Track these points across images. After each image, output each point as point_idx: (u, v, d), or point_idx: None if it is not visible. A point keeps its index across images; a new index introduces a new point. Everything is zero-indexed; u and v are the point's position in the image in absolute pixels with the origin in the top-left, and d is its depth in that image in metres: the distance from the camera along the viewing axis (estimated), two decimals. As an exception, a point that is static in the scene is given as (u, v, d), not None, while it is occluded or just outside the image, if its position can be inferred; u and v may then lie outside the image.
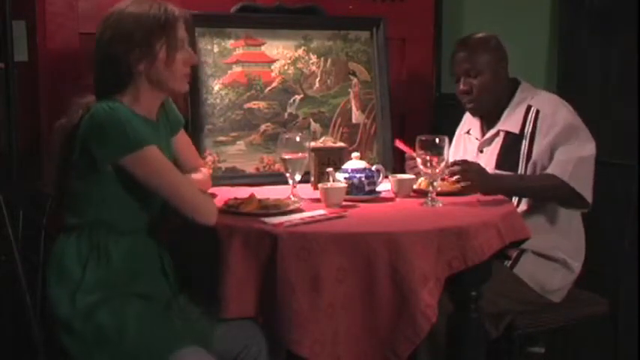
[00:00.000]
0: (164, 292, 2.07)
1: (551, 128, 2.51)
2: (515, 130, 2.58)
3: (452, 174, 2.36)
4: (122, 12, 2.05)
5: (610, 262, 2.64)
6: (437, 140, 2.31)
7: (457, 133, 2.82)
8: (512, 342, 2.50)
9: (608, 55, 3.11)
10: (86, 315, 1.93)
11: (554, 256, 2.56)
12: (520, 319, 2.48)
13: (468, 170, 2.36)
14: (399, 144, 2.56)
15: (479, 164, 2.49)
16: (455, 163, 2.37)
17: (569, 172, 2.46)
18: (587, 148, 2.51)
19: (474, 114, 2.70)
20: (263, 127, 2.79)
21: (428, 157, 2.28)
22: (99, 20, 2.07)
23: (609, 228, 2.67)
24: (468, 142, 2.75)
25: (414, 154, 2.33)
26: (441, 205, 2.29)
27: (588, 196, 2.48)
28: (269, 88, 2.81)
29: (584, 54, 3.12)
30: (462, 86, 2.61)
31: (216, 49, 2.75)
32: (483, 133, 2.69)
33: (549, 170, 2.49)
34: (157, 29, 2.04)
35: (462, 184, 2.37)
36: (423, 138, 2.33)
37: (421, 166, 2.30)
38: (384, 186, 2.49)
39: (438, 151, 2.29)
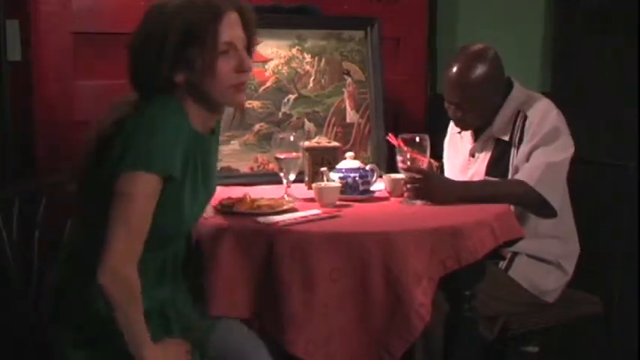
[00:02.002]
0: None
1: (535, 135, 2.47)
2: (506, 137, 2.54)
3: (408, 183, 2.33)
4: (159, 7, 1.74)
5: (603, 263, 2.65)
6: (417, 139, 2.32)
7: (450, 131, 2.80)
8: (506, 342, 2.51)
9: (602, 56, 3.12)
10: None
11: (548, 258, 2.55)
12: (514, 319, 2.49)
13: (424, 184, 2.31)
14: (391, 138, 2.55)
15: (438, 175, 2.46)
16: (412, 173, 2.32)
17: (536, 179, 2.40)
18: (561, 153, 2.45)
19: (462, 130, 2.67)
20: (257, 126, 2.79)
21: (409, 156, 2.30)
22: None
23: (603, 228, 2.67)
24: (461, 144, 2.73)
25: (406, 149, 2.34)
26: (420, 203, 2.30)
27: (555, 203, 2.42)
28: (263, 87, 2.81)
29: (579, 55, 3.12)
30: (451, 112, 2.56)
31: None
32: (475, 137, 2.66)
33: (517, 176, 2.45)
34: (192, 29, 1.70)
35: (406, 194, 2.33)
36: (405, 136, 2.34)
37: (401, 164, 2.31)
38: (378, 185, 2.49)
39: (419, 149, 2.30)
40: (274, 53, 2.83)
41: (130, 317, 1.70)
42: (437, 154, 2.84)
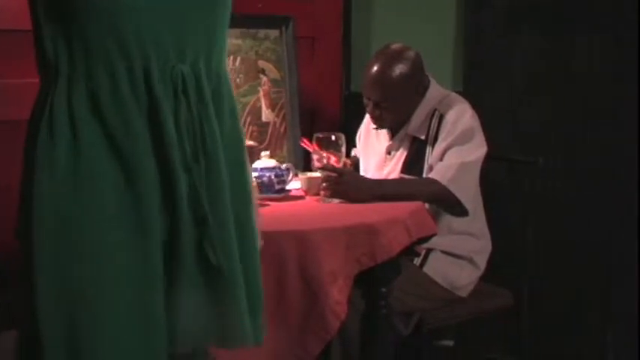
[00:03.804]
0: None
1: (450, 134, 2.50)
2: (422, 135, 2.57)
3: (324, 181, 2.35)
4: None
5: (514, 257, 2.71)
6: (333, 137, 2.34)
7: (364, 126, 2.81)
8: (421, 337, 2.54)
9: (513, 55, 3.19)
10: None
11: (461, 254, 2.60)
12: (429, 314, 2.52)
13: (339, 182, 2.33)
14: (305, 144, 2.57)
15: (353, 173, 2.49)
16: (327, 172, 2.34)
17: (449, 178, 2.44)
18: (474, 153, 2.49)
19: (379, 128, 2.69)
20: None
21: (325, 154, 2.32)
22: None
23: (513, 223, 2.74)
24: (377, 141, 2.75)
25: (320, 152, 2.35)
26: (335, 202, 2.32)
27: (467, 202, 2.47)
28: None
29: (490, 53, 3.19)
30: (369, 110, 2.58)
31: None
32: (392, 135, 2.68)
33: (431, 175, 2.48)
34: None
35: (322, 193, 2.35)
36: (320, 135, 2.36)
37: (317, 163, 2.33)
38: (294, 184, 2.49)
39: (334, 148, 2.32)
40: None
41: None
42: (352, 152, 2.87)
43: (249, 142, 2.59)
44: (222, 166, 1.42)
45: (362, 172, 2.74)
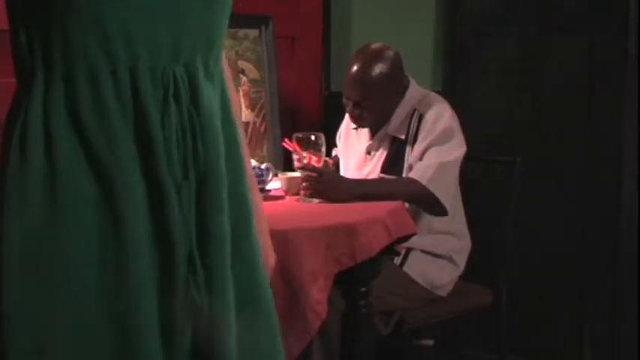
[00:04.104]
0: None
1: (429, 134, 2.51)
2: (402, 135, 2.58)
3: (303, 181, 2.36)
4: None
5: (493, 256, 2.73)
6: (313, 137, 2.35)
7: (344, 126, 2.82)
8: (401, 336, 2.55)
9: (491, 56, 3.21)
10: None
11: (441, 254, 2.61)
12: (409, 314, 2.53)
13: (319, 182, 2.33)
14: (286, 144, 2.57)
15: (333, 173, 2.49)
16: (307, 172, 2.35)
17: (429, 177, 2.45)
18: (453, 153, 2.50)
19: (359, 127, 2.69)
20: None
21: (305, 154, 2.32)
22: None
23: (491, 222, 2.76)
24: (357, 141, 2.76)
25: (301, 151, 2.36)
26: (315, 202, 2.32)
27: (446, 202, 2.48)
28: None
29: (469, 54, 3.21)
30: (349, 109, 2.59)
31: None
32: (372, 135, 2.68)
33: (411, 174, 2.49)
34: None
35: (302, 193, 2.35)
36: (300, 135, 2.36)
37: (296, 163, 2.33)
38: (274, 184, 2.49)
39: (314, 147, 2.32)
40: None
41: None
42: (332, 152, 2.87)
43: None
44: (221, 180, 1.22)
45: (342, 172, 2.74)
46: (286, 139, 2.57)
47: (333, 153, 2.86)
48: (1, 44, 2.06)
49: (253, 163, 2.45)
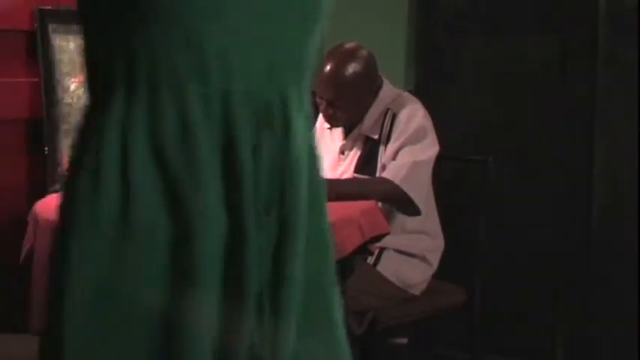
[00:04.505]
0: None
1: (403, 133, 2.52)
2: (375, 135, 2.58)
3: None
4: None
5: (466, 254, 2.74)
6: None
7: (318, 125, 2.81)
8: (375, 336, 2.56)
9: (464, 55, 3.22)
10: None
11: (415, 253, 2.62)
12: (382, 313, 2.54)
13: None
14: None
15: None
16: None
17: (402, 177, 2.45)
18: (426, 152, 2.51)
19: (332, 127, 2.68)
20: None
21: None
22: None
23: (464, 221, 2.77)
24: (331, 140, 2.75)
25: None
26: None
27: (420, 201, 2.49)
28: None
29: (441, 53, 3.22)
30: (322, 109, 2.58)
31: (72, 46, 2.66)
32: (345, 135, 2.68)
33: (384, 174, 2.50)
34: None
35: None
36: None
37: None
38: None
39: None
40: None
41: None
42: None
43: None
44: (301, 220, 1.10)
45: (315, 172, 2.73)
46: None
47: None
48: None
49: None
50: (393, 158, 2.51)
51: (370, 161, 2.59)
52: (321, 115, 2.71)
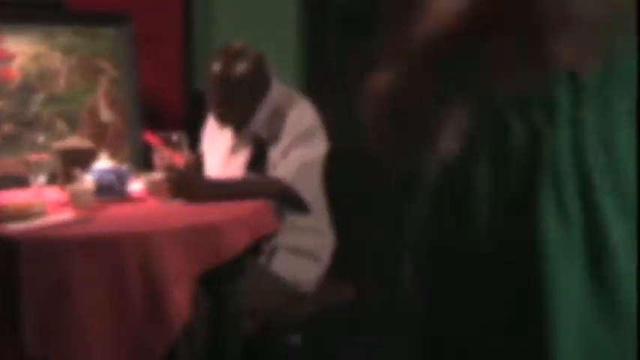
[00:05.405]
0: None
1: (292, 132, 2.53)
2: (264, 134, 2.59)
3: (166, 182, 2.33)
4: None
5: (357, 252, 2.78)
6: (174, 137, 2.32)
7: (209, 124, 2.79)
8: (268, 335, 2.55)
9: (351, 57, 3.26)
10: None
11: (305, 251, 2.63)
12: (275, 312, 2.54)
13: (180, 182, 2.32)
14: (149, 137, 2.51)
15: (194, 173, 2.47)
16: (169, 172, 2.33)
17: (291, 176, 2.47)
18: (315, 151, 2.53)
19: (222, 127, 2.68)
20: (5, 127, 2.63)
21: (166, 154, 2.29)
22: None
23: (355, 219, 2.80)
24: (221, 140, 2.73)
25: (163, 148, 2.32)
26: (178, 202, 2.29)
27: (309, 200, 2.51)
28: (9, 86, 2.65)
29: (330, 54, 3.25)
30: (212, 108, 2.57)
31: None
32: (235, 134, 2.67)
33: (274, 173, 2.51)
34: None
35: (165, 194, 2.33)
36: (161, 135, 2.33)
37: (158, 163, 2.30)
38: (136, 186, 2.44)
39: (176, 147, 2.30)
40: (21, 50, 2.68)
41: None
42: (196, 150, 2.84)
43: (87, 143, 2.52)
44: None
45: (207, 171, 2.72)
46: (149, 132, 2.50)
47: (199, 152, 2.83)
48: None
49: (113, 164, 2.39)
50: (283, 157, 2.52)
51: (260, 160, 2.59)
52: (211, 114, 2.69)
